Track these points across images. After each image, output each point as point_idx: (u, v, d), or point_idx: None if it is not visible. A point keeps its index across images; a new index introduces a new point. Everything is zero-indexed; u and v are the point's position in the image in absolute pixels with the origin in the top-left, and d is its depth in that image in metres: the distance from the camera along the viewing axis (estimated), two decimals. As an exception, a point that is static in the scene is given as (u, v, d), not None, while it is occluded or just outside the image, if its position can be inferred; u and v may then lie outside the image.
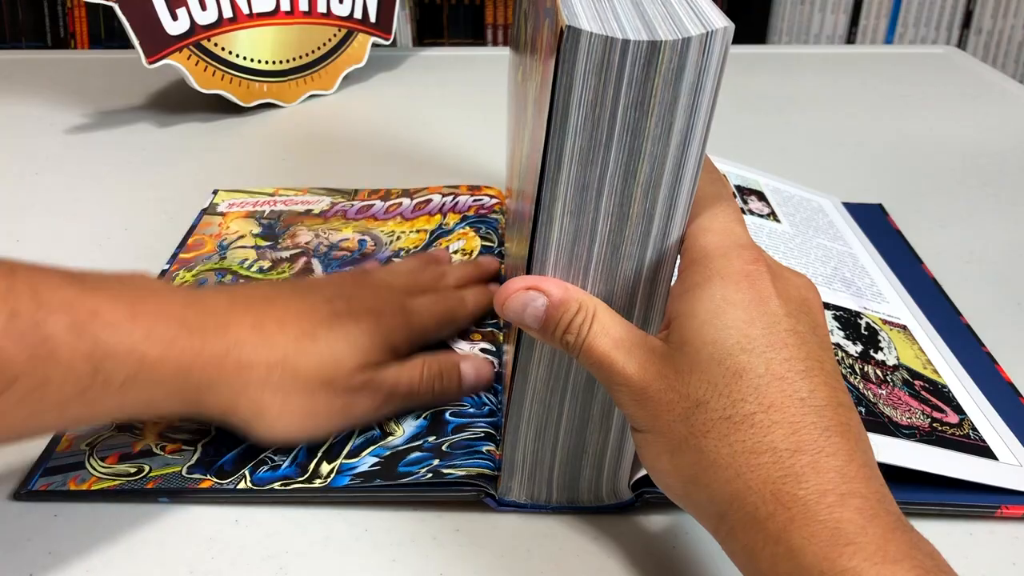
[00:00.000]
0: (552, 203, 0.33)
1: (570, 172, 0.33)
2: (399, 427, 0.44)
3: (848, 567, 0.28)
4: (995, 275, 0.61)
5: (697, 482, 0.32)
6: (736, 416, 0.31)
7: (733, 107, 0.89)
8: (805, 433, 0.30)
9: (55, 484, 0.42)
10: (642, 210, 0.34)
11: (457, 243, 0.60)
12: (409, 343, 0.46)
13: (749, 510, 0.30)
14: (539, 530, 0.41)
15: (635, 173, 0.33)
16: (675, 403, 0.32)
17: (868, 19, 1.79)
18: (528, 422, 0.39)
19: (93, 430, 0.45)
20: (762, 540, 0.30)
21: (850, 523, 0.29)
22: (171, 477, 0.42)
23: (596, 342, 0.34)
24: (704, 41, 0.30)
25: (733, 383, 0.31)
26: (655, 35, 0.30)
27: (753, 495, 0.30)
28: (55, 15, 1.61)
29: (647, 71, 0.31)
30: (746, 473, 0.30)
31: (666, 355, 0.33)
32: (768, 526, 0.29)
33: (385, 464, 0.42)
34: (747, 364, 0.31)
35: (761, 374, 0.31)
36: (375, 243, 0.61)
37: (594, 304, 0.34)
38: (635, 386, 0.33)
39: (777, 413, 0.31)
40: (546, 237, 0.34)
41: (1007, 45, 1.80)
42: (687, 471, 0.32)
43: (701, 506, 0.32)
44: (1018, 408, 0.47)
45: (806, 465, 0.30)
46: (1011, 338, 0.53)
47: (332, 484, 0.41)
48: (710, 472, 0.31)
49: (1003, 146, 0.82)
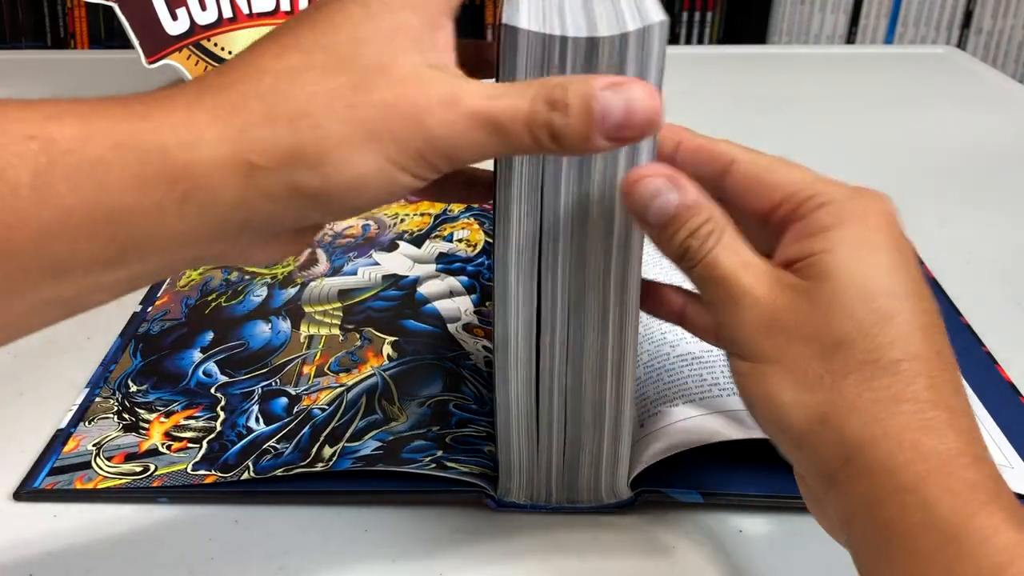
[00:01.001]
0: (507, 204, 0.34)
1: (521, 172, 0.33)
2: (403, 413, 0.44)
3: (986, 524, 0.27)
4: (995, 275, 0.61)
5: (827, 422, 0.30)
6: (882, 361, 0.30)
7: (733, 107, 0.89)
8: (941, 388, 0.30)
9: (61, 483, 0.42)
10: (601, 209, 0.34)
11: (462, 232, 0.60)
12: None
13: (882, 456, 0.29)
14: (539, 530, 0.41)
15: (589, 171, 0.33)
16: (811, 339, 0.31)
17: (868, 19, 1.79)
18: (517, 424, 0.39)
19: (100, 431, 0.45)
20: (892, 488, 0.29)
21: (986, 485, 0.28)
22: (176, 475, 0.42)
23: (723, 255, 0.32)
24: (643, 36, 0.31)
25: (881, 326, 0.30)
26: (595, 32, 0.30)
27: (890, 441, 0.29)
28: (55, 15, 1.61)
29: (588, 68, 0.31)
30: (885, 419, 0.29)
31: (801, 288, 0.31)
32: (902, 474, 0.28)
33: (388, 449, 0.42)
34: (896, 309, 0.30)
35: (908, 320, 0.30)
36: (379, 226, 0.62)
37: (725, 221, 0.32)
38: (763, 310, 0.31)
39: (920, 364, 0.30)
40: (506, 235, 0.34)
41: (1007, 45, 1.80)
42: (816, 410, 0.30)
43: (823, 447, 0.31)
44: (1018, 408, 0.47)
45: (944, 422, 0.29)
46: (1011, 338, 0.53)
47: (334, 467, 0.41)
48: (845, 414, 0.30)
49: (1003, 146, 0.82)
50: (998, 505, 0.28)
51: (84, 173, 0.26)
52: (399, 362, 0.49)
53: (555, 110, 0.28)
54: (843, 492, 0.30)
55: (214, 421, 0.45)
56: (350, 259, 0.59)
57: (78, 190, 0.26)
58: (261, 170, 0.28)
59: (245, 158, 0.28)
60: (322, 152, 0.28)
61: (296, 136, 0.28)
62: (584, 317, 0.36)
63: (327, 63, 0.29)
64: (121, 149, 0.27)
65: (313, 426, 0.45)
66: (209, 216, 0.28)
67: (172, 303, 0.55)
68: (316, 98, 0.28)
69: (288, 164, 0.28)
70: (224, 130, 0.28)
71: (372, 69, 0.29)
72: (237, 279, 0.57)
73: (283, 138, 0.28)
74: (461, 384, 0.47)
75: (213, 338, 0.52)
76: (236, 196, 0.28)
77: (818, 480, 0.31)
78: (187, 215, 0.28)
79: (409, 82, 0.29)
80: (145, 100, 0.28)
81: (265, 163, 0.28)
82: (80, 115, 0.27)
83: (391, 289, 0.56)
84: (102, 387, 0.48)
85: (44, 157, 0.26)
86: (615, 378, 0.38)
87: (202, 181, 0.27)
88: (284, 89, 0.28)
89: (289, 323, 0.53)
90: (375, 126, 0.28)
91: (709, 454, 0.41)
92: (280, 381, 0.48)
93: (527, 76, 0.31)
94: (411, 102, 0.28)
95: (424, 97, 0.28)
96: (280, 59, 0.29)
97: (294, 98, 0.28)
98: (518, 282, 0.36)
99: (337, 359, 0.50)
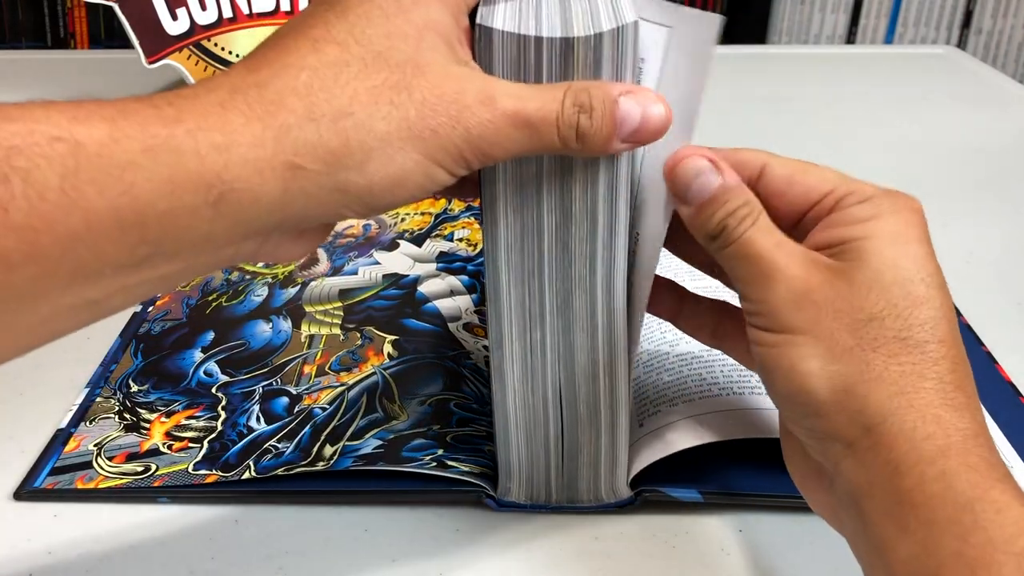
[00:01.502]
0: (493, 200, 0.34)
1: (505, 169, 0.33)
2: (403, 412, 0.45)
3: (1000, 499, 0.28)
4: (995, 275, 0.61)
5: (853, 392, 0.31)
6: (911, 340, 0.31)
7: (733, 107, 0.89)
8: (960, 374, 0.31)
9: (62, 483, 0.42)
10: (583, 207, 0.34)
11: (462, 231, 0.60)
12: None
13: (906, 427, 0.30)
14: (539, 530, 0.41)
15: (570, 169, 0.33)
16: (844, 312, 0.32)
17: (868, 19, 1.79)
18: (515, 423, 0.39)
19: (101, 431, 0.45)
20: (915, 458, 0.29)
21: (1000, 464, 0.29)
22: (178, 474, 0.42)
23: (758, 235, 0.33)
24: (616, 35, 0.31)
25: (914, 309, 0.31)
26: (570, 31, 0.31)
27: (914, 413, 0.30)
28: (55, 15, 1.61)
29: (564, 68, 0.31)
30: (911, 392, 0.30)
31: (836, 268, 0.32)
32: (924, 446, 0.30)
33: (389, 447, 0.42)
34: (928, 296, 0.32)
35: (937, 307, 0.32)
36: (379, 225, 0.62)
37: (760, 208, 0.34)
38: (797, 286, 0.32)
39: (945, 348, 0.31)
40: (493, 234, 0.35)
41: (1007, 45, 1.80)
42: (844, 379, 0.31)
43: (845, 415, 0.31)
44: (1018, 408, 0.47)
45: (963, 404, 0.30)
46: (1011, 338, 0.53)
47: (335, 466, 0.41)
48: (872, 384, 0.31)
49: (1003, 146, 0.82)
50: (1010, 484, 0.29)
51: (114, 177, 0.26)
52: (400, 361, 0.49)
53: (583, 112, 0.31)
54: (862, 461, 0.31)
55: (215, 421, 0.45)
56: (351, 258, 0.59)
57: (106, 194, 0.26)
58: (305, 171, 0.28)
59: (288, 160, 0.28)
60: (367, 151, 0.28)
61: (341, 136, 0.28)
62: (572, 317, 0.36)
63: (364, 58, 0.29)
64: (152, 152, 0.26)
65: (314, 425, 0.45)
66: (245, 217, 0.28)
67: (173, 303, 0.55)
68: (358, 96, 0.28)
69: (334, 165, 0.28)
70: (263, 131, 0.27)
71: (409, 66, 0.29)
72: (238, 279, 0.57)
73: (327, 138, 0.28)
74: (461, 383, 0.47)
75: (214, 338, 0.52)
76: (276, 198, 0.28)
77: (834, 450, 0.32)
78: (221, 217, 0.27)
79: (446, 80, 0.29)
80: (174, 101, 0.28)
81: (310, 165, 0.28)
82: (106, 117, 0.26)
83: (392, 288, 0.56)
84: (103, 387, 0.48)
85: (72, 160, 0.25)
86: (607, 378, 0.38)
87: (239, 184, 0.27)
88: (324, 86, 0.28)
89: (290, 323, 0.53)
90: (417, 124, 0.29)
91: (709, 454, 0.41)
92: (281, 381, 0.48)
93: (503, 75, 0.32)
94: (451, 101, 0.29)
95: (463, 96, 0.29)
96: (314, 54, 0.29)
97: (336, 96, 0.28)
98: (508, 281, 0.36)
99: (338, 358, 0.50)
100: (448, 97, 0.29)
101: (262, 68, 0.29)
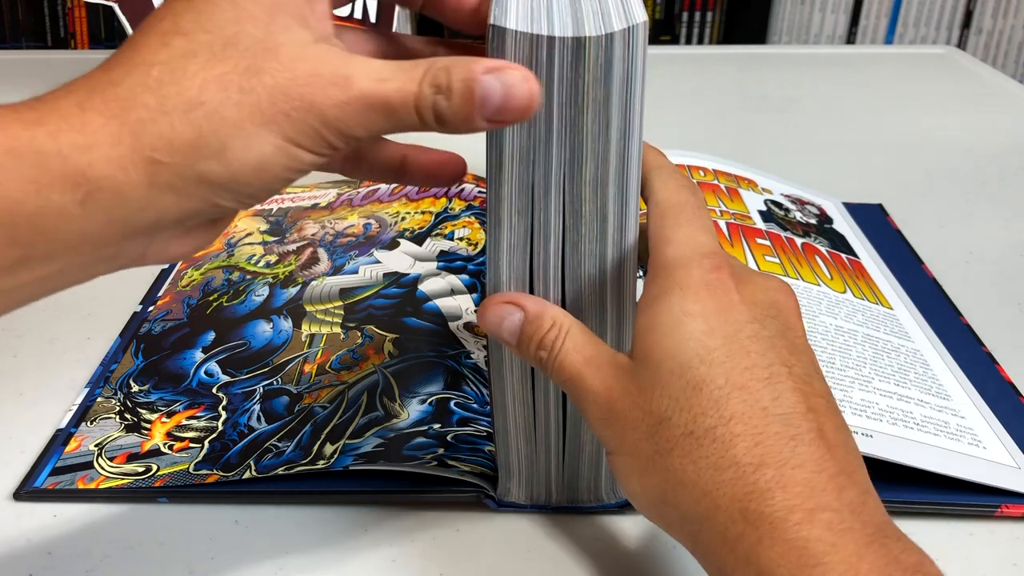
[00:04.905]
0: (498, 203, 0.34)
1: (511, 172, 0.33)
2: (404, 410, 0.45)
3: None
4: (995, 275, 0.61)
5: (667, 502, 0.31)
6: (698, 431, 0.30)
7: (733, 107, 0.89)
8: (769, 444, 0.30)
9: (63, 483, 0.42)
10: (594, 208, 0.34)
11: (463, 230, 0.60)
12: None
13: (719, 530, 0.30)
14: (539, 530, 0.41)
15: (581, 171, 0.33)
16: (639, 420, 0.31)
17: (868, 19, 1.79)
18: (515, 424, 0.39)
19: (102, 431, 0.45)
20: (733, 561, 0.29)
21: (819, 542, 0.28)
22: (179, 475, 0.42)
23: (568, 358, 0.33)
24: (627, 35, 0.31)
25: (693, 397, 0.30)
26: (581, 31, 0.31)
27: (722, 514, 0.29)
28: (55, 15, 1.61)
29: (576, 67, 0.31)
30: (713, 491, 0.30)
31: (630, 371, 0.32)
32: (737, 547, 0.29)
33: (389, 446, 0.42)
34: (706, 376, 0.31)
35: (721, 385, 0.30)
36: (380, 225, 0.62)
37: (569, 322, 0.34)
38: (602, 403, 0.32)
39: (739, 425, 0.30)
40: (496, 236, 0.35)
41: (1007, 45, 1.80)
42: (656, 492, 0.31)
43: (675, 526, 0.32)
44: (1018, 408, 0.47)
45: (771, 480, 0.29)
46: (1011, 338, 0.53)
47: (335, 465, 0.41)
48: (679, 491, 0.31)
49: (1003, 146, 0.82)
50: (830, 563, 0.27)
51: None
52: (400, 359, 0.49)
53: (439, 93, 0.29)
54: (702, 563, 0.31)
55: (216, 421, 0.46)
56: (351, 258, 0.59)
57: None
58: (165, 165, 0.28)
59: (147, 155, 0.27)
60: (222, 140, 0.28)
61: (194, 127, 0.28)
62: (579, 319, 0.36)
63: (213, 46, 0.28)
64: (15, 153, 0.26)
65: (314, 424, 0.45)
66: (117, 216, 0.28)
67: (173, 303, 0.56)
68: (208, 85, 0.28)
69: (191, 156, 0.28)
70: (119, 129, 0.27)
71: (260, 50, 0.29)
72: (239, 279, 0.58)
73: (181, 131, 0.28)
74: (462, 382, 0.47)
75: (215, 338, 0.52)
76: (143, 194, 0.28)
77: (691, 553, 0.32)
78: (91, 216, 0.27)
79: (299, 62, 0.29)
80: (35, 106, 0.28)
81: (168, 158, 0.28)
82: None
83: (392, 287, 0.56)
84: (103, 387, 0.49)
85: None
86: None
87: (105, 182, 0.27)
88: (174, 79, 0.28)
89: (290, 322, 0.53)
90: (270, 109, 0.28)
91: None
92: (281, 380, 0.48)
93: None
94: (304, 84, 0.28)
95: (316, 78, 0.29)
96: (164, 48, 0.28)
97: (186, 88, 0.28)
98: (510, 283, 0.36)
99: (338, 357, 0.50)
100: (301, 80, 0.28)
101: (116, 67, 0.29)
